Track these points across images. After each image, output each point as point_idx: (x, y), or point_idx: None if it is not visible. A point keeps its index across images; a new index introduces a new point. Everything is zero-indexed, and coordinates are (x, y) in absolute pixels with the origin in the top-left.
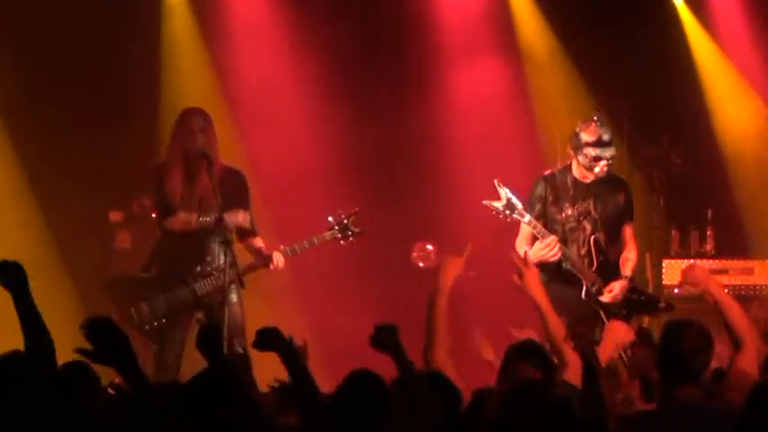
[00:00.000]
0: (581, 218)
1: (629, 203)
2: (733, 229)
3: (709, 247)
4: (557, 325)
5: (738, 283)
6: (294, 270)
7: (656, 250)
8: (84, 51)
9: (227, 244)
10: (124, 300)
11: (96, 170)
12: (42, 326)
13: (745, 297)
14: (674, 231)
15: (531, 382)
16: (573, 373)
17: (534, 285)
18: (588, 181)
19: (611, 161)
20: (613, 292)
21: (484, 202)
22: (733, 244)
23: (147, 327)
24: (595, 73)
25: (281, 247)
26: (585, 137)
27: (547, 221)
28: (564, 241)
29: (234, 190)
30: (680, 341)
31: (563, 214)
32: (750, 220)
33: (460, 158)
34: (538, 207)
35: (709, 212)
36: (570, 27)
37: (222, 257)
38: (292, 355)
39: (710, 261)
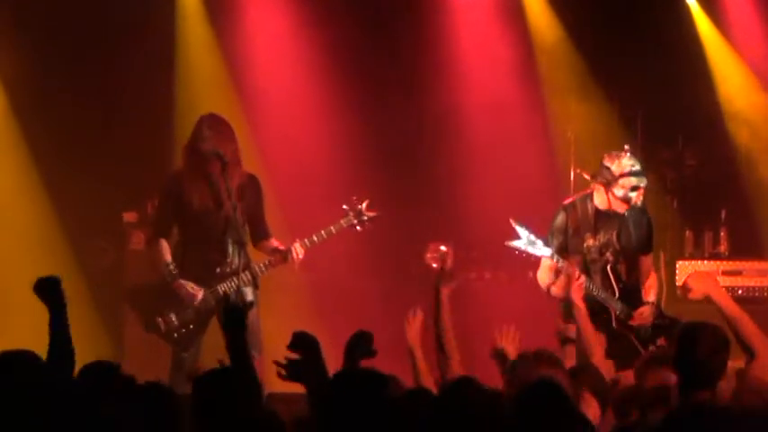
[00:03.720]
0: (603, 249)
1: (650, 234)
2: (747, 231)
3: (722, 248)
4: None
5: (752, 284)
6: (307, 271)
7: (669, 251)
8: (98, 52)
9: (240, 245)
10: (148, 310)
11: (110, 171)
12: (71, 348)
13: (759, 299)
14: (687, 232)
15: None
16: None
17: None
18: (612, 212)
19: (644, 189)
20: (644, 315)
21: (506, 244)
22: (747, 245)
23: (175, 335)
24: (609, 75)
25: (299, 239)
26: (620, 168)
27: (568, 252)
28: (585, 271)
29: (250, 195)
30: (696, 343)
31: (585, 245)
32: (764, 221)
33: (474, 160)
34: (560, 238)
35: (723, 213)
36: (584, 29)
37: (238, 258)
38: (320, 363)
39: (724, 262)
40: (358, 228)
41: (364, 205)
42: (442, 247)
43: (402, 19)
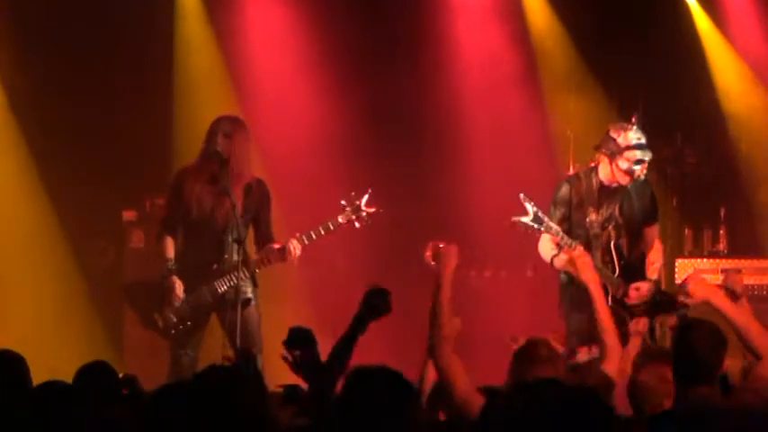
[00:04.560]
0: (606, 224)
1: (654, 205)
2: (746, 229)
3: (722, 246)
4: (605, 314)
5: (752, 282)
6: (307, 269)
7: (669, 249)
8: (97, 50)
9: (239, 242)
10: (146, 306)
11: (110, 169)
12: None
13: (758, 297)
14: (687, 230)
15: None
16: (611, 364)
17: (589, 271)
18: (615, 185)
19: (648, 163)
20: (640, 291)
21: (513, 219)
22: (746, 243)
23: (172, 331)
24: (608, 72)
25: (297, 234)
26: (626, 140)
27: (571, 225)
28: (587, 246)
29: (256, 198)
30: (693, 340)
31: (587, 219)
32: (764, 219)
33: (474, 159)
34: (562, 210)
35: (723, 211)
36: (584, 28)
37: (236, 256)
38: (317, 359)
39: (724, 260)
40: (356, 224)
41: (363, 201)
42: (442, 246)
43: (401, 18)
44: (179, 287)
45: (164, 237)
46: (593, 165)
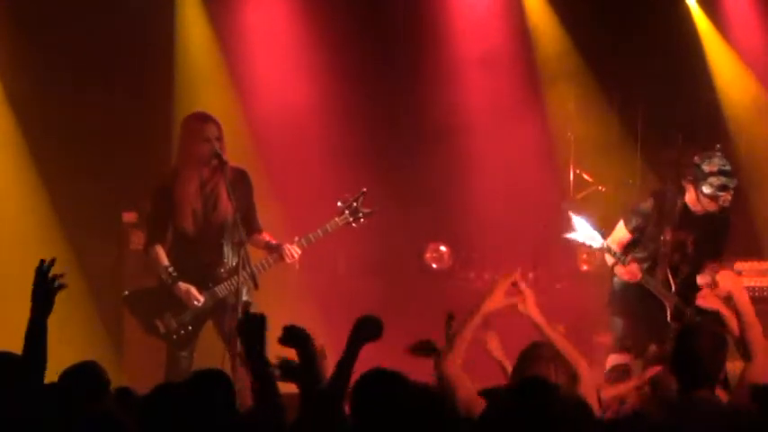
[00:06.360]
0: (675, 247)
1: (725, 242)
2: (747, 231)
3: None
4: (561, 341)
5: (752, 284)
6: (308, 271)
7: None
8: (99, 52)
9: (240, 245)
10: (147, 313)
11: (110, 169)
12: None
13: (759, 299)
14: None
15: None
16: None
17: (532, 308)
18: (699, 212)
19: (733, 191)
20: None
21: (564, 236)
22: (747, 245)
23: (174, 336)
24: (608, 74)
25: (296, 238)
26: (710, 166)
27: (643, 237)
28: (654, 260)
29: (242, 191)
30: (695, 343)
31: (662, 237)
32: (764, 221)
33: (475, 160)
34: (639, 221)
35: None
36: (584, 29)
37: (235, 259)
38: (311, 357)
39: (724, 263)
40: (353, 225)
41: (359, 202)
42: (442, 248)
43: (401, 18)
44: (193, 288)
45: (153, 246)
46: (683, 186)
